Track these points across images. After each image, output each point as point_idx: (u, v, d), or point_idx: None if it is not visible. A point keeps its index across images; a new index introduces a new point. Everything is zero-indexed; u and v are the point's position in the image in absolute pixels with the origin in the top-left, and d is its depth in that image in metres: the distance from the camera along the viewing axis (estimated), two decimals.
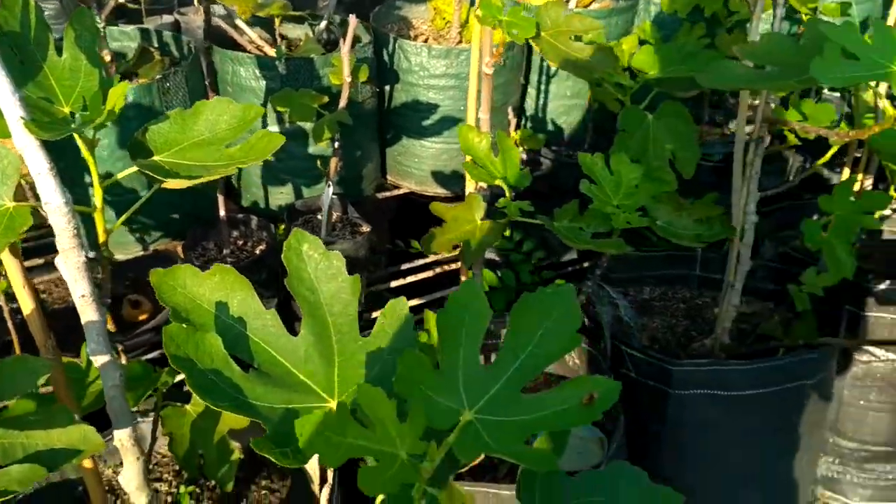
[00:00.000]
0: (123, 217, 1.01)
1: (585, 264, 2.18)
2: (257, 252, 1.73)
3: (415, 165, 2.01)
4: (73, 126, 0.87)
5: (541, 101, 2.17)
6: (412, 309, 1.07)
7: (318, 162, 1.83)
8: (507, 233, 2.06)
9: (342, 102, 1.63)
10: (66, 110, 0.99)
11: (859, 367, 1.86)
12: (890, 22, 1.98)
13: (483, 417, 0.73)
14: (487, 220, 1.21)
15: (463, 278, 1.86)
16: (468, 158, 1.25)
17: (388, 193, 2.09)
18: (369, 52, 1.88)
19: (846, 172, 1.82)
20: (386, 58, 1.95)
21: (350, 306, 0.82)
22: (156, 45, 1.94)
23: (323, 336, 0.81)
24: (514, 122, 2.00)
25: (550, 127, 2.19)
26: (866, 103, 1.72)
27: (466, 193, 1.29)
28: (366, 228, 1.79)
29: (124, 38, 1.94)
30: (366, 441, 0.69)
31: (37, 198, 0.83)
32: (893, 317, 1.78)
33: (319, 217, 1.84)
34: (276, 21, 1.90)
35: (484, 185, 1.28)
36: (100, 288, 0.94)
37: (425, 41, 2.11)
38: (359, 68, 1.64)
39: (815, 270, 1.63)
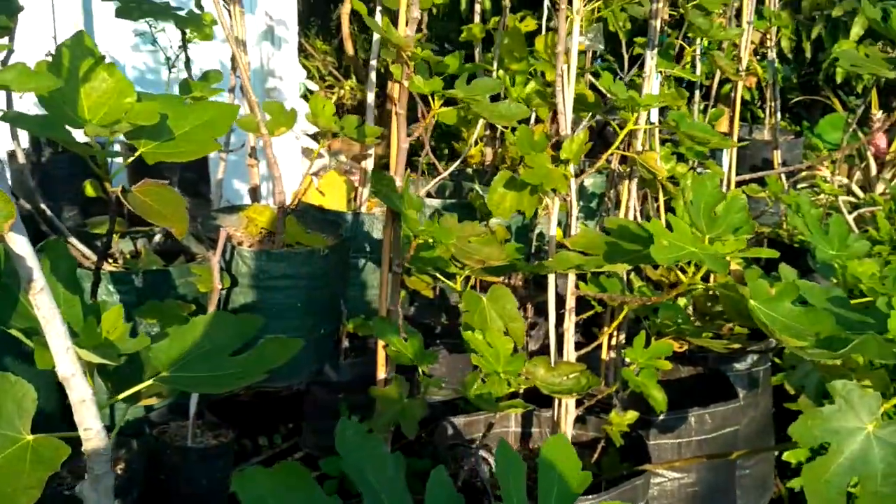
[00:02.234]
0: (113, 433, 1.01)
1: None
2: (119, 471, 1.64)
3: None
4: (111, 352, 0.90)
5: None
6: None
7: None
8: None
9: (211, 308, 1.70)
10: None
11: (654, 489, 2.24)
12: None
13: None
14: (412, 399, 1.38)
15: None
16: (381, 344, 1.42)
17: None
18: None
19: (613, 324, 2.29)
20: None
21: (399, 483, 0.94)
22: None
23: None
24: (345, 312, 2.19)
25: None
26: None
27: (380, 377, 1.45)
28: (229, 430, 1.80)
29: None
30: None
31: None
32: (672, 441, 2.22)
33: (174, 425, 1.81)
34: (116, 237, 1.92)
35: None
36: None
37: (250, 246, 2.24)
38: (222, 276, 1.74)
39: (616, 412, 2.00)
